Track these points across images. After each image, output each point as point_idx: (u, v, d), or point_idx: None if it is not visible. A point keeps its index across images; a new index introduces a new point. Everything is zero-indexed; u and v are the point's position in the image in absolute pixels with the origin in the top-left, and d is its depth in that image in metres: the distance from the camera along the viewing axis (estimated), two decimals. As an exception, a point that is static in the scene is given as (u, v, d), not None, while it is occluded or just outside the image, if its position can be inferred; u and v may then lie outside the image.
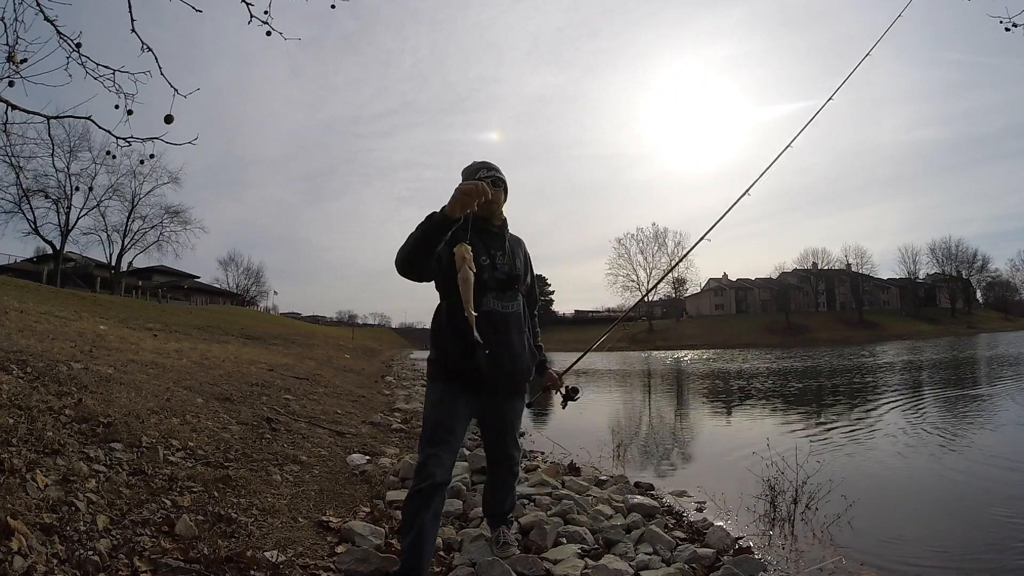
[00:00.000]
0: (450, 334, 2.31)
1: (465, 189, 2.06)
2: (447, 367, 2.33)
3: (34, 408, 3.23)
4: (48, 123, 3.45)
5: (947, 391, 11.64)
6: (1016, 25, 3.65)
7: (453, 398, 2.32)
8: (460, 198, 2.06)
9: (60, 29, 3.13)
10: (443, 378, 2.35)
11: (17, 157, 30.74)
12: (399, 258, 2.18)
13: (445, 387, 2.34)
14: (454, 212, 2.06)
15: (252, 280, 66.81)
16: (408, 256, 2.15)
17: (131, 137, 3.39)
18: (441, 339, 2.36)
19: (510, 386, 2.45)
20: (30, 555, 1.92)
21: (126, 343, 8.59)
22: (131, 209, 40.16)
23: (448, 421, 2.28)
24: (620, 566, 2.84)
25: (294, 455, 4.25)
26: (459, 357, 2.28)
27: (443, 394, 2.33)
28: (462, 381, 2.32)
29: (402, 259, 2.17)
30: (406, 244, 2.17)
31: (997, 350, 25.41)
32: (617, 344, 52.01)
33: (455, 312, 2.25)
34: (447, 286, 2.31)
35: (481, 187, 2.06)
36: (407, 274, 2.20)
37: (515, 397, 2.53)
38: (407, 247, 2.16)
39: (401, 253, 2.17)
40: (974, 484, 4.87)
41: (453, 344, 2.29)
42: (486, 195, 2.07)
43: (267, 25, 3.53)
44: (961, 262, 71.86)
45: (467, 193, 2.05)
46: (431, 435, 2.28)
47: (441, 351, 2.35)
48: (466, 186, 2.08)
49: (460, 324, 2.22)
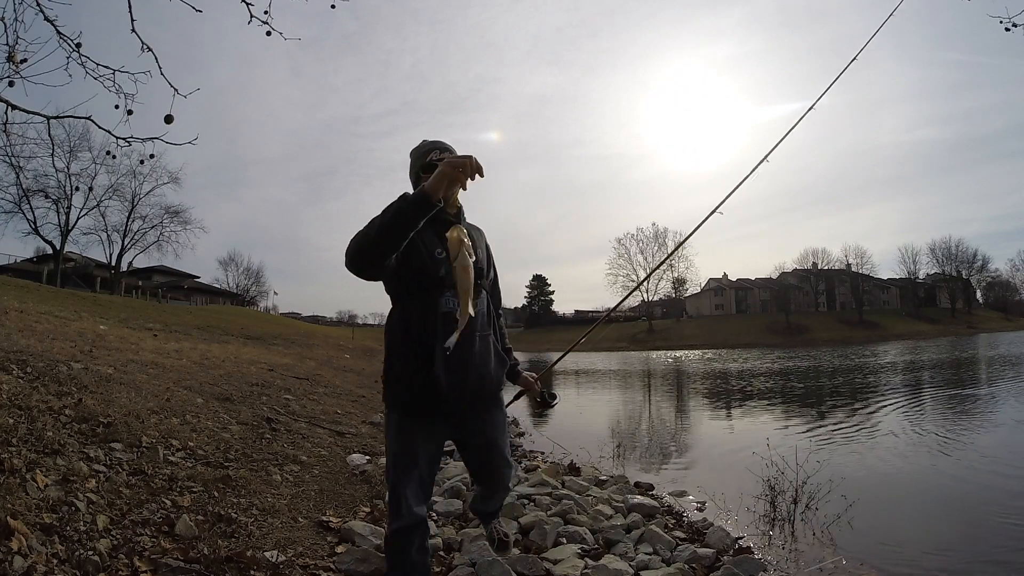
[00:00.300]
0: (404, 345, 1.92)
1: (455, 162, 1.69)
2: (400, 388, 1.94)
3: (34, 408, 3.23)
4: (48, 123, 3.46)
5: (947, 391, 11.64)
6: (1016, 25, 3.65)
7: (411, 427, 1.95)
8: (448, 173, 1.68)
9: (60, 29, 3.13)
10: (398, 404, 1.96)
11: (17, 157, 30.74)
12: (355, 248, 1.75)
13: (401, 415, 1.97)
14: (437, 192, 1.69)
15: (252, 280, 66.83)
16: (370, 245, 1.73)
17: (131, 137, 3.39)
18: (393, 354, 1.96)
19: (480, 400, 2.04)
20: (30, 555, 1.92)
21: (126, 343, 8.59)
22: (131, 209, 40.18)
23: (408, 456, 1.93)
24: (620, 566, 2.84)
25: (294, 455, 4.25)
26: (412, 373, 1.89)
27: (399, 424, 1.97)
28: (421, 404, 1.91)
29: (361, 249, 1.74)
30: (367, 231, 1.73)
31: (997, 350, 25.41)
32: (617, 344, 52.06)
33: (411, 316, 1.91)
34: (401, 286, 1.96)
35: (473, 162, 1.68)
36: (361, 267, 1.77)
37: (492, 410, 2.12)
38: (369, 234, 1.72)
39: (359, 242, 1.74)
40: (974, 484, 4.87)
41: (407, 358, 1.91)
42: (479, 172, 1.70)
43: (267, 25, 3.54)
44: (961, 262, 71.91)
45: (457, 167, 1.68)
46: (395, 473, 1.95)
47: (391, 369, 1.97)
48: (456, 160, 1.70)
49: (417, 331, 1.89)
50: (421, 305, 1.91)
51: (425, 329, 1.88)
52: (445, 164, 1.70)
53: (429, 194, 1.69)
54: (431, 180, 1.70)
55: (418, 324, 1.89)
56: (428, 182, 1.70)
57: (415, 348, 1.89)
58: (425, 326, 1.88)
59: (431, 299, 1.90)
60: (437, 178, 1.69)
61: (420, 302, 1.91)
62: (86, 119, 3.33)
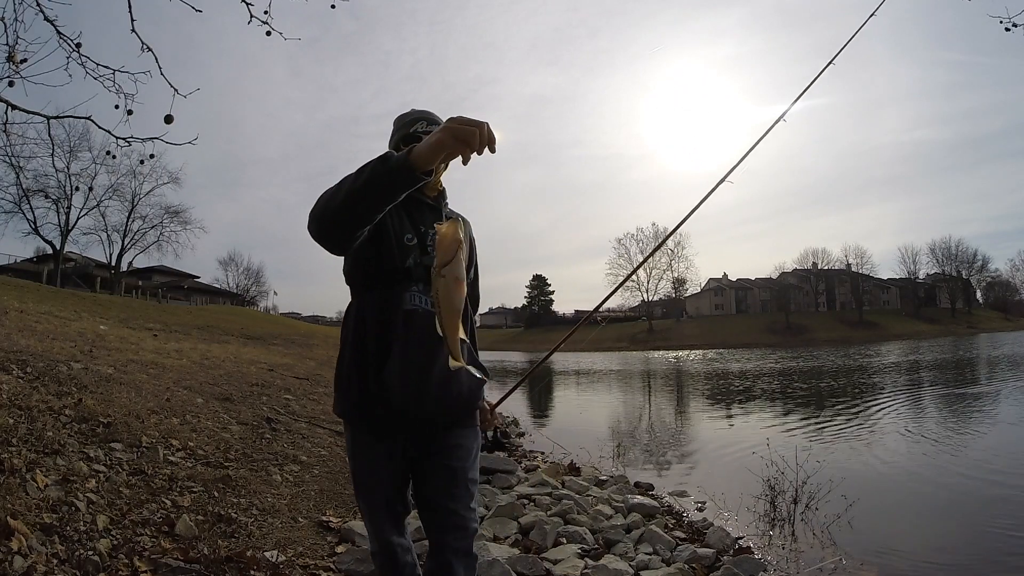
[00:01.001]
0: (356, 345, 1.59)
1: (461, 129, 1.22)
2: (347, 394, 1.60)
3: (34, 408, 3.23)
4: (48, 123, 3.46)
5: (948, 391, 11.64)
6: (1016, 25, 3.66)
7: (368, 443, 1.62)
8: (447, 142, 1.23)
9: (60, 29, 3.13)
10: (346, 413, 1.64)
11: (17, 157, 30.75)
12: (320, 210, 1.39)
13: (354, 430, 1.65)
14: (428, 161, 1.26)
15: (252, 280, 66.86)
16: (334, 211, 1.36)
17: (131, 137, 3.39)
18: (343, 355, 1.64)
19: (445, 414, 1.63)
20: (30, 555, 1.92)
21: (126, 343, 8.59)
22: (131, 209, 40.21)
23: (370, 477, 1.64)
24: (620, 566, 2.84)
25: (294, 455, 4.25)
26: (360, 376, 1.56)
27: (355, 439, 1.65)
28: (372, 415, 1.58)
29: (325, 212, 1.38)
30: (335, 191, 1.37)
31: (997, 351, 25.41)
32: (617, 344, 52.08)
33: (367, 312, 1.59)
34: (359, 274, 1.63)
35: (486, 130, 1.23)
36: (324, 234, 1.42)
37: (460, 431, 1.67)
38: (336, 197, 1.36)
39: (325, 203, 1.38)
40: (974, 484, 4.87)
41: (356, 359, 1.58)
42: (492, 145, 1.24)
43: (267, 25, 3.54)
44: (961, 262, 71.97)
45: (463, 136, 1.22)
46: (359, 498, 1.69)
47: (339, 371, 1.64)
48: (463, 125, 1.22)
49: (373, 329, 1.57)
50: (380, 300, 1.58)
51: (382, 327, 1.56)
52: (447, 129, 1.23)
53: (415, 163, 1.27)
54: (423, 145, 1.27)
55: (375, 321, 1.56)
56: (419, 146, 1.27)
57: (369, 347, 1.56)
58: (382, 324, 1.56)
59: (393, 294, 1.57)
60: (433, 146, 1.25)
61: (379, 296, 1.58)
62: (86, 119, 3.34)
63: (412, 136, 1.67)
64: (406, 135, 1.71)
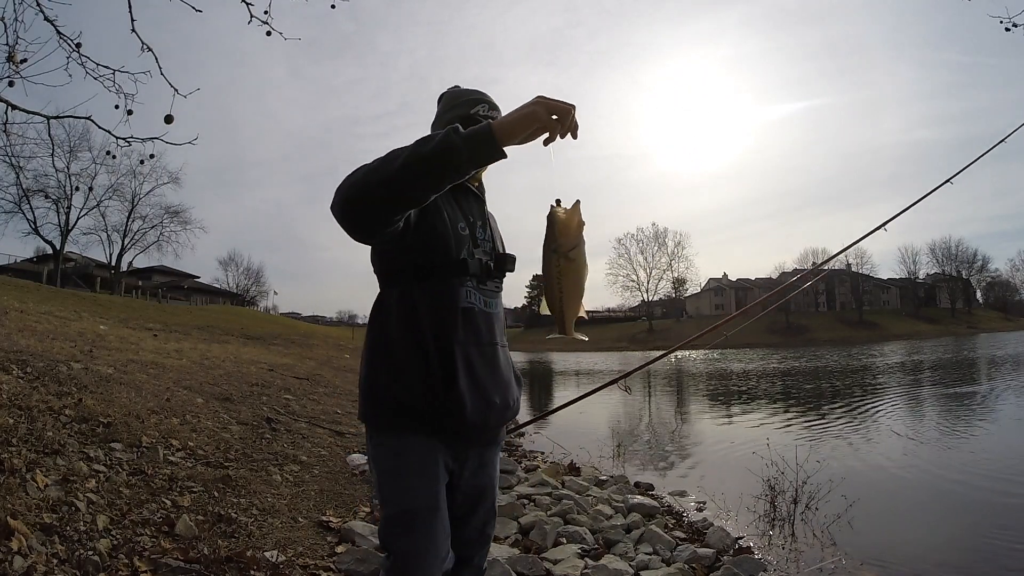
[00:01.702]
0: (410, 346, 1.34)
1: (558, 106, 1.13)
2: (404, 405, 1.33)
3: (34, 408, 3.23)
4: (48, 123, 3.47)
5: (948, 391, 11.64)
6: (1016, 25, 3.66)
7: (426, 455, 1.34)
8: (543, 116, 1.13)
9: (60, 29, 3.14)
10: (405, 426, 1.34)
11: (17, 157, 30.75)
12: (359, 186, 1.16)
13: (407, 441, 1.34)
14: (515, 134, 1.13)
15: (252, 280, 66.85)
16: (384, 184, 1.14)
17: (131, 137, 3.40)
18: (391, 354, 1.36)
19: (494, 431, 1.47)
20: (30, 555, 1.92)
21: (126, 343, 8.59)
22: (131, 209, 40.24)
23: (432, 499, 1.31)
24: (620, 566, 2.84)
25: (294, 455, 4.25)
26: (427, 383, 1.31)
27: (408, 453, 1.33)
28: (435, 427, 1.34)
29: (368, 188, 1.15)
30: (384, 164, 1.15)
31: (998, 351, 25.41)
32: (617, 344, 52.07)
33: (419, 307, 1.35)
34: (406, 262, 1.37)
35: (573, 118, 1.15)
36: (359, 216, 1.19)
37: (493, 447, 1.51)
38: (387, 170, 1.14)
39: (366, 178, 1.16)
40: (974, 484, 4.87)
41: (417, 361, 1.33)
42: (575, 131, 1.16)
43: (267, 25, 3.55)
44: (961, 262, 72.00)
45: (558, 108, 1.13)
46: (404, 521, 1.29)
47: (390, 371, 1.35)
48: (560, 103, 1.13)
49: (430, 328, 1.33)
50: (433, 294, 1.35)
51: (440, 328, 1.33)
52: (540, 103, 1.13)
53: (498, 136, 1.12)
54: (509, 117, 1.14)
55: (430, 319, 1.33)
56: (503, 118, 1.15)
57: (428, 351, 1.32)
58: (439, 324, 1.33)
59: (449, 287, 1.36)
60: (521, 118, 1.13)
61: (432, 289, 1.35)
62: (86, 119, 3.35)
63: (472, 118, 1.45)
64: (465, 116, 1.46)
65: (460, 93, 1.54)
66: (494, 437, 1.50)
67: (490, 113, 1.49)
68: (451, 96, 1.55)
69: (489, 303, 1.45)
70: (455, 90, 1.56)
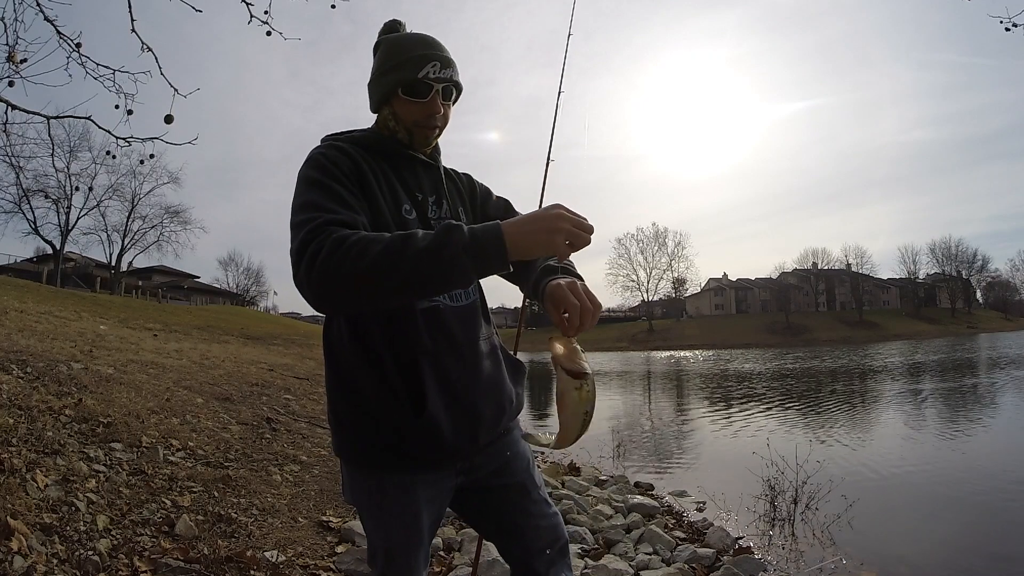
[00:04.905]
0: (365, 365, 1.13)
1: (582, 231, 0.97)
2: (371, 441, 1.15)
3: (34, 408, 3.23)
4: (48, 123, 3.47)
5: (948, 392, 11.64)
6: (1016, 25, 3.66)
7: (402, 496, 1.16)
8: (560, 242, 0.95)
9: (60, 29, 3.14)
10: (378, 463, 1.16)
11: (17, 157, 30.74)
12: (352, 287, 0.93)
13: (383, 482, 1.16)
14: (529, 254, 0.95)
15: (252, 280, 66.84)
16: (381, 294, 0.94)
17: (131, 137, 3.41)
18: (346, 381, 1.17)
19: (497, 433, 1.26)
20: (30, 555, 1.92)
21: (126, 343, 8.59)
22: (131, 209, 40.25)
23: (413, 537, 1.18)
24: (620, 566, 2.84)
25: (294, 455, 4.25)
26: (389, 413, 1.12)
27: (383, 495, 1.17)
28: (412, 461, 1.15)
29: (363, 294, 0.94)
30: (389, 258, 0.91)
31: (998, 351, 25.42)
32: (617, 344, 52.11)
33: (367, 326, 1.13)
34: None
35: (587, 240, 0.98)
36: (341, 302, 0.99)
37: (513, 434, 1.32)
38: (397, 269, 0.91)
39: (361, 283, 0.93)
40: (974, 484, 4.87)
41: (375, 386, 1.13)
42: (585, 243, 0.99)
43: (267, 25, 3.55)
44: (961, 262, 72.03)
45: (578, 239, 0.97)
46: (384, 555, 1.19)
47: (348, 403, 1.17)
48: (580, 226, 0.97)
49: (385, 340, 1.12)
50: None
51: (397, 340, 1.12)
52: (560, 231, 0.94)
53: (511, 256, 0.94)
54: (528, 240, 0.94)
55: (382, 332, 1.12)
56: (517, 234, 0.94)
57: (385, 371, 1.11)
58: (395, 335, 1.12)
59: None
60: (541, 246, 0.95)
61: None
62: (86, 119, 3.35)
63: (421, 84, 1.17)
64: (412, 81, 1.17)
65: (402, 45, 1.21)
66: (507, 431, 1.30)
67: (441, 73, 1.18)
68: (391, 49, 1.22)
69: (458, 294, 1.19)
70: (394, 38, 1.24)
